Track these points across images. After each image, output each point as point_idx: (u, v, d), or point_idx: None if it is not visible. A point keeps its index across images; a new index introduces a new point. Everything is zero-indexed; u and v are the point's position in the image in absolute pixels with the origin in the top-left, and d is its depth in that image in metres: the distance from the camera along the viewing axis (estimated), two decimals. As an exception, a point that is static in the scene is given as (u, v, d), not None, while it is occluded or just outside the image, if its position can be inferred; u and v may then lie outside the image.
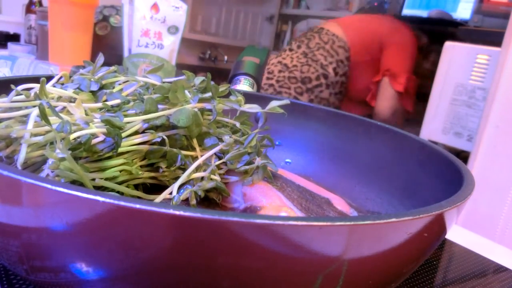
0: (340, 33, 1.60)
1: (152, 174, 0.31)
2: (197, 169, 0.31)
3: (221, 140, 0.33)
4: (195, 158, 0.32)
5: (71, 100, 0.32)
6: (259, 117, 0.36)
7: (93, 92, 0.34)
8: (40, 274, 0.22)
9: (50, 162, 0.25)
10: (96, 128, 0.27)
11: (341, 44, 1.58)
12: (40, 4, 1.33)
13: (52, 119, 0.27)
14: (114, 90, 0.34)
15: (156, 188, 0.31)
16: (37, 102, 0.29)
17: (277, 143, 0.47)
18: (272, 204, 0.30)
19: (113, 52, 0.86)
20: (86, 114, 0.30)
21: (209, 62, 2.68)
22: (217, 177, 0.31)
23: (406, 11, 2.21)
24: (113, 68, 0.37)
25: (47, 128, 0.27)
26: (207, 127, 0.33)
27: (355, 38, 1.59)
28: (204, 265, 0.19)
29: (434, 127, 1.17)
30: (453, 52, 1.14)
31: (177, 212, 0.17)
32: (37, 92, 0.29)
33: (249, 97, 0.39)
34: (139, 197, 0.29)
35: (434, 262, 0.41)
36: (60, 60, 0.89)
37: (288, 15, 2.85)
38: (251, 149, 0.33)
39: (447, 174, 0.33)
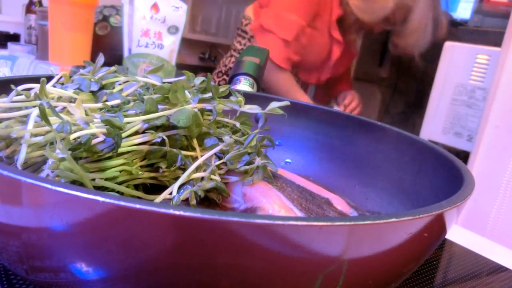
0: (250, 10, 1.37)
1: (152, 174, 0.31)
2: (197, 169, 0.31)
3: (221, 140, 0.33)
4: (195, 158, 0.32)
5: (71, 100, 0.32)
6: (259, 117, 0.37)
7: (93, 92, 0.34)
8: (40, 274, 0.22)
9: (50, 162, 0.25)
10: (96, 128, 0.27)
11: (247, 22, 1.35)
12: (40, 4, 1.33)
13: (52, 119, 0.27)
14: (114, 90, 0.34)
15: (156, 188, 0.31)
16: (37, 102, 0.29)
17: (277, 143, 0.47)
18: (272, 205, 0.30)
19: (113, 52, 0.86)
20: (86, 114, 0.30)
21: (209, 62, 2.67)
22: (217, 177, 0.31)
23: (406, 11, 2.20)
24: (113, 68, 0.37)
25: (47, 128, 0.27)
26: (207, 127, 0.33)
27: (259, 8, 1.32)
28: (204, 265, 0.19)
29: (434, 127, 1.17)
30: (453, 52, 1.14)
31: (177, 212, 0.17)
32: (37, 92, 0.29)
33: (249, 97, 0.39)
34: (139, 197, 0.29)
35: (434, 262, 0.41)
36: (60, 60, 0.89)
37: (288, 15, 2.84)
38: (251, 149, 0.33)
39: (447, 174, 0.33)
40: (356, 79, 2.42)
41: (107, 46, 0.97)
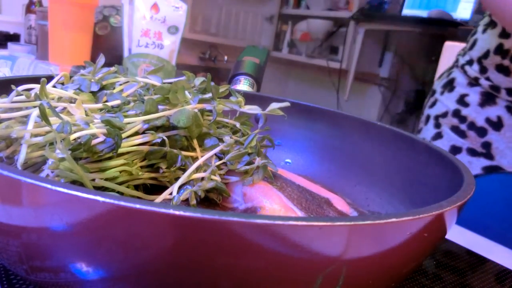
0: None
1: (153, 175, 0.31)
2: (197, 170, 0.31)
3: (221, 140, 0.33)
4: (195, 159, 0.32)
5: (71, 100, 0.32)
6: (259, 117, 0.37)
7: (93, 93, 0.34)
8: (40, 274, 0.22)
9: (50, 162, 0.25)
10: (96, 129, 0.27)
11: None
12: (40, 4, 1.33)
13: (52, 119, 0.27)
14: (115, 91, 0.34)
15: (157, 188, 0.31)
16: (38, 102, 0.29)
17: (277, 143, 0.47)
18: (272, 204, 0.30)
19: (113, 52, 0.86)
20: (86, 115, 0.30)
21: (209, 62, 2.68)
22: (217, 178, 0.31)
23: (406, 11, 2.21)
24: (113, 68, 0.37)
25: (47, 128, 0.27)
26: (207, 127, 0.33)
27: None
28: (204, 265, 0.19)
29: (434, 127, 1.17)
30: (453, 52, 1.14)
31: (177, 212, 0.17)
32: (37, 92, 0.29)
33: (249, 97, 0.39)
34: (139, 198, 0.29)
35: (434, 262, 0.41)
36: (60, 60, 0.89)
37: (288, 15, 2.85)
38: (251, 150, 0.33)
39: (447, 174, 0.33)
40: (356, 79, 2.42)
41: (107, 46, 0.97)
